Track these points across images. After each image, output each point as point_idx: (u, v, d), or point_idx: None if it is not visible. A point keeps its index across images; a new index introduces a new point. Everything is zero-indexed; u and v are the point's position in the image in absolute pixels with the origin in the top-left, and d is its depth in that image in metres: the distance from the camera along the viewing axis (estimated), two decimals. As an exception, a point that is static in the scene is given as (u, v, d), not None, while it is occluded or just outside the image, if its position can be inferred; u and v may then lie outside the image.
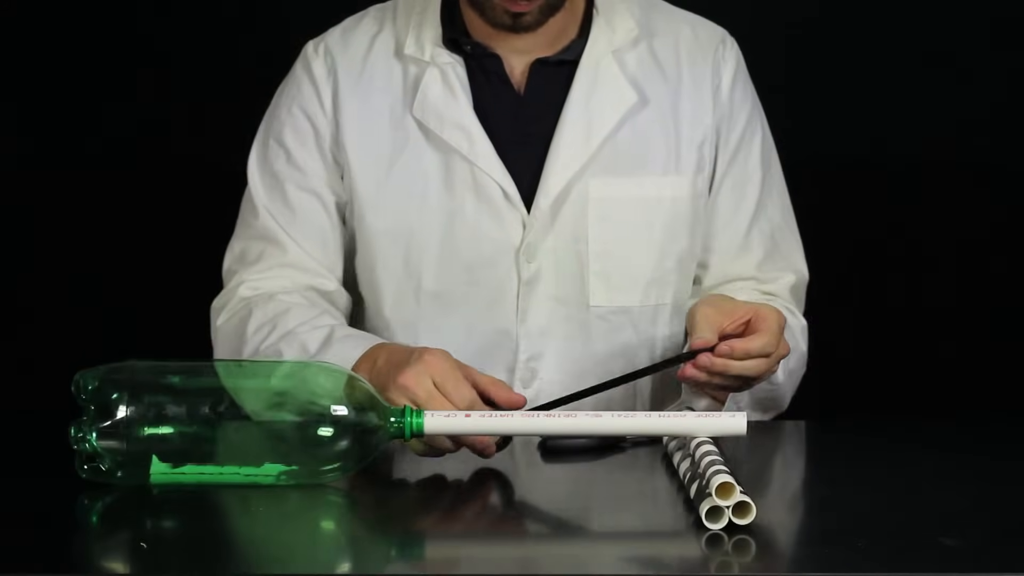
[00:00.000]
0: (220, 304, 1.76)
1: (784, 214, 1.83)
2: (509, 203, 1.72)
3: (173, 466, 1.35)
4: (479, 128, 1.72)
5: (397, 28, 1.77)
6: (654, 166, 1.74)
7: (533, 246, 1.72)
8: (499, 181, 1.71)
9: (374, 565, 1.24)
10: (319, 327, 1.64)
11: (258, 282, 1.74)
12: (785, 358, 1.60)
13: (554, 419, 1.40)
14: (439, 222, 1.73)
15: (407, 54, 1.75)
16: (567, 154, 1.72)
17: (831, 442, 1.64)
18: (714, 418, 1.40)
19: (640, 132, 1.74)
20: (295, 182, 1.76)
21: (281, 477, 1.36)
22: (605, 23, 1.76)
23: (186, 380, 1.38)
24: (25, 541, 1.25)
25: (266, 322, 1.68)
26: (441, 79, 1.73)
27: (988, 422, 1.78)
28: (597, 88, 1.74)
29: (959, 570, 1.18)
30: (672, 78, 1.77)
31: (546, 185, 1.71)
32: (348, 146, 1.75)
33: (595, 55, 1.74)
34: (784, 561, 1.25)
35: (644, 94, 1.75)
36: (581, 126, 1.72)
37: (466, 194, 1.72)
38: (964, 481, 1.44)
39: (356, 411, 1.36)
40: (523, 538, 1.32)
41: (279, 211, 1.76)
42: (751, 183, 1.79)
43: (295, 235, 1.75)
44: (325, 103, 1.76)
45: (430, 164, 1.73)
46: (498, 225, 1.72)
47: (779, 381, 1.66)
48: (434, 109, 1.73)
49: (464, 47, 1.74)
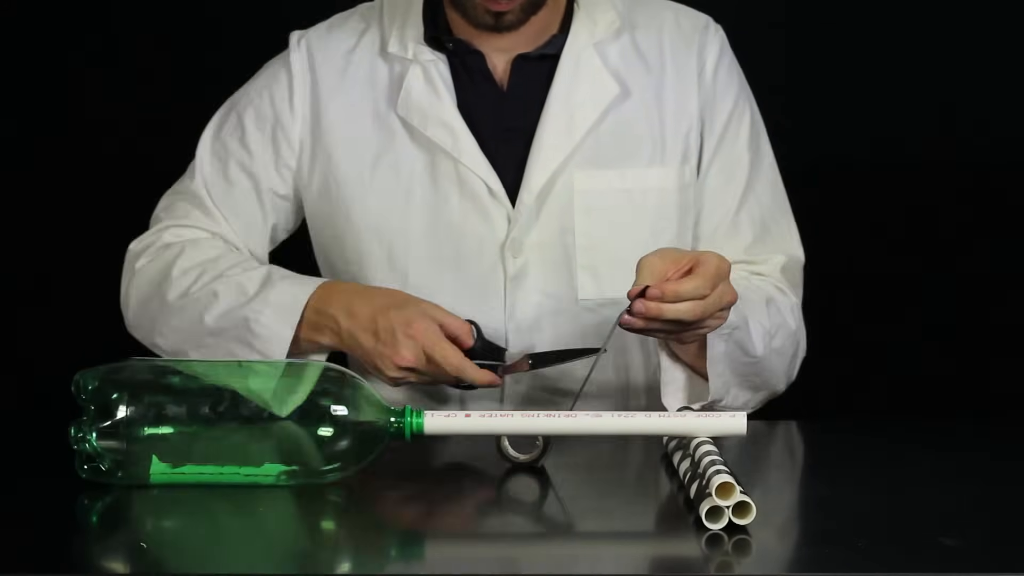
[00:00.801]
0: (140, 248, 1.78)
1: (775, 196, 1.81)
2: (494, 198, 1.72)
3: (173, 466, 1.36)
4: (462, 124, 1.72)
5: (383, 26, 1.78)
6: (639, 157, 1.74)
7: (518, 241, 1.72)
8: (483, 177, 1.72)
9: (374, 565, 1.24)
10: (253, 268, 1.70)
11: (184, 231, 1.77)
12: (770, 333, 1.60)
13: (554, 419, 1.40)
14: (424, 219, 1.73)
15: (390, 52, 1.76)
16: (550, 147, 1.72)
17: (831, 442, 1.64)
18: (714, 418, 1.40)
19: (624, 124, 1.74)
20: (239, 162, 1.78)
21: (281, 477, 1.36)
22: (586, 16, 1.76)
23: (186, 380, 1.38)
24: (25, 541, 1.25)
25: (195, 265, 1.71)
26: (424, 77, 1.73)
27: (988, 422, 1.78)
28: (579, 81, 1.74)
29: (959, 570, 1.17)
30: (655, 69, 1.76)
31: (530, 179, 1.72)
32: (332, 144, 1.75)
33: (576, 48, 1.74)
34: (784, 561, 1.25)
35: (626, 86, 1.75)
36: (563, 119, 1.72)
37: (451, 190, 1.72)
38: (964, 481, 1.44)
39: (356, 411, 1.36)
40: (522, 538, 1.32)
41: (215, 183, 1.79)
42: (739, 167, 1.78)
43: (224, 211, 1.79)
44: (295, 98, 1.77)
45: (415, 161, 1.74)
46: (483, 221, 1.72)
47: (757, 353, 1.63)
48: (417, 107, 1.73)
49: (446, 44, 1.74)
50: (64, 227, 2.57)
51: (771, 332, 1.64)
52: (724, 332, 1.56)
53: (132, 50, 2.54)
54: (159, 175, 2.53)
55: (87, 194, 2.55)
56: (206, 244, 1.75)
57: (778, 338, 1.67)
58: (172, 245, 1.75)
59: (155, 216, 1.82)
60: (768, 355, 1.66)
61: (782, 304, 1.71)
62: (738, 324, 1.58)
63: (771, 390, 1.72)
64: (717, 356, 1.58)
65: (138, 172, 2.54)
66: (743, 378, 1.65)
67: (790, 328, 1.71)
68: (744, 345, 1.60)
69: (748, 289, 1.66)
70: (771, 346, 1.65)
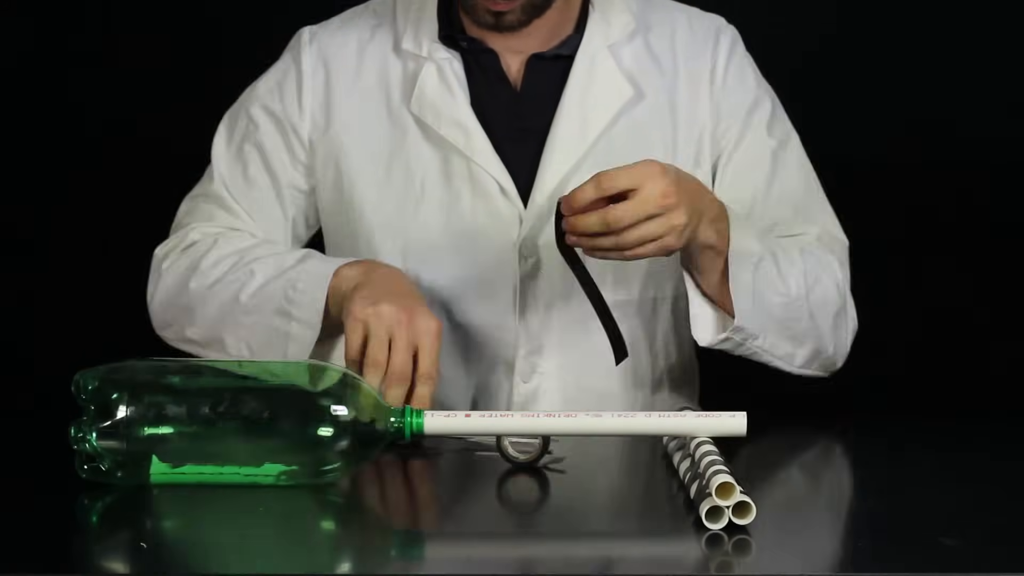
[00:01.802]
0: (165, 250, 1.77)
1: (806, 184, 1.79)
2: (506, 198, 1.72)
3: (173, 466, 1.35)
4: (476, 123, 1.72)
5: (396, 23, 1.77)
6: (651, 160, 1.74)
7: (530, 241, 1.72)
8: (496, 176, 1.71)
9: (374, 565, 1.24)
10: (292, 251, 1.69)
11: (210, 228, 1.77)
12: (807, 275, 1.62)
13: (554, 419, 1.40)
14: (437, 217, 1.73)
15: (405, 49, 1.75)
16: (563, 148, 1.72)
17: (832, 442, 1.64)
18: (714, 418, 1.40)
19: (636, 126, 1.74)
20: (256, 160, 1.78)
21: (281, 477, 1.36)
22: (601, 18, 1.76)
23: (186, 380, 1.38)
24: (25, 541, 1.25)
25: (230, 254, 1.70)
26: (438, 75, 1.73)
27: (988, 422, 1.78)
28: (593, 82, 1.74)
29: (959, 570, 1.17)
30: (668, 72, 1.76)
31: (542, 180, 1.71)
32: (345, 140, 1.75)
33: (591, 50, 1.74)
34: (784, 561, 1.25)
35: (640, 88, 1.75)
36: (577, 121, 1.72)
37: (463, 189, 1.72)
38: (964, 481, 1.44)
39: (356, 411, 1.36)
40: (522, 538, 1.32)
41: (235, 183, 1.78)
42: (763, 157, 1.77)
43: (247, 208, 1.78)
44: (304, 96, 1.77)
45: (428, 159, 1.73)
46: (495, 220, 1.72)
47: (790, 292, 1.62)
48: (431, 105, 1.73)
49: (460, 43, 1.74)
50: (64, 227, 2.57)
51: (807, 274, 1.63)
52: (751, 261, 1.56)
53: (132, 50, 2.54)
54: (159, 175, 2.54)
55: (87, 194, 2.55)
56: (238, 236, 1.75)
57: (819, 287, 1.66)
58: (200, 241, 1.74)
59: (177, 222, 1.81)
60: (806, 298, 1.64)
61: (822, 257, 1.70)
62: (763, 255, 1.58)
63: (817, 347, 1.69)
64: (742, 288, 1.58)
65: (138, 172, 2.55)
66: (779, 323, 1.64)
67: (835, 277, 1.70)
68: (772, 280, 1.60)
69: (779, 238, 1.68)
70: (810, 290, 1.64)
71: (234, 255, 1.69)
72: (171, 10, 2.53)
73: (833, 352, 1.72)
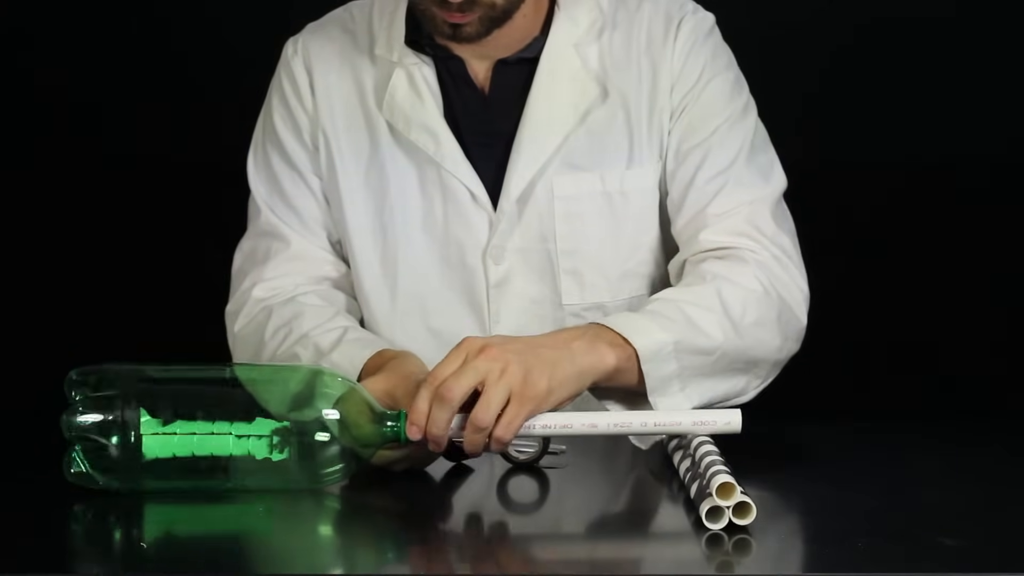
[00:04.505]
0: (235, 308, 1.76)
1: (739, 153, 1.70)
2: (476, 204, 1.71)
3: (164, 423, 1.34)
4: (446, 129, 1.71)
5: (372, 26, 1.77)
6: (618, 159, 1.72)
7: (499, 247, 1.71)
8: (466, 182, 1.71)
9: (372, 566, 1.24)
10: (332, 329, 1.65)
11: (271, 281, 1.75)
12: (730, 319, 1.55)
13: (553, 420, 1.40)
14: (411, 223, 1.73)
15: (377, 54, 1.75)
16: (529, 152, 1.70)
17: (831, 442, 1.64)
18: (712, 418, 1.40)
19: (603, 125, 1.72)
20: (290, 177, 1.77)
21: (275, 438, 1.35)
22: (566, 17, 1.73)
23: (186, 380, 1.38)
24: (24, 541, 1.25)
25: (283, 325, 1.68)
26: (408, 81, 1.72)
27: (988, 422, 1.78)
28: (557, 84, 1.72)
29: (959, 570, 1.17)
30: (633, 65, 1.73)
31: (509, 184, 1.71)
32: (332, 142, 1.75)
33: (554, 51, 1.72)
34: (784, 561, 1.25)
35: (605, 87, 1.73)
36: (543, 123, 1.71)
37: (435, 195, 1.72)
38: (964, 481, 1.44)
39: (352, 415, 1.36)
40: (521, 539, 1.32)
41: (279, 206, 1.77)
42: (702, 144, 1.70)
43: (297, 227, 1.76)
44: (304, 99, 1.76)
45: (403, 165, 1.73)
46: (466, 226, 1.71)
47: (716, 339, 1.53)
48: (401, 111, 1.72)
49: (426, 49, 1.73)
50: (63, 227, 2.57)
51: (727, 308, 1.56)
52: (665, 352, 1.49)
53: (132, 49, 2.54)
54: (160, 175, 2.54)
55: (87, 194, 2.55)
56: (298, 298, 1.72)
57: (748, 309, 1.58)
58: (263, 301, 1.73)
59: (239, 269, 1.79)
60: (735, 330, 1.57)
61: (735, 270, 1.62)
62: (674, 333, 1.51)
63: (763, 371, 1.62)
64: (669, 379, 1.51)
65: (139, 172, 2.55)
66: (728, 364, 1.57)
67: (757, 281, 1.62)
68: (696, 344, 1.53)
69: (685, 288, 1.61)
70: (739, 320, 1.57)
71: (284, 327, 1.68)
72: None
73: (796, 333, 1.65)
